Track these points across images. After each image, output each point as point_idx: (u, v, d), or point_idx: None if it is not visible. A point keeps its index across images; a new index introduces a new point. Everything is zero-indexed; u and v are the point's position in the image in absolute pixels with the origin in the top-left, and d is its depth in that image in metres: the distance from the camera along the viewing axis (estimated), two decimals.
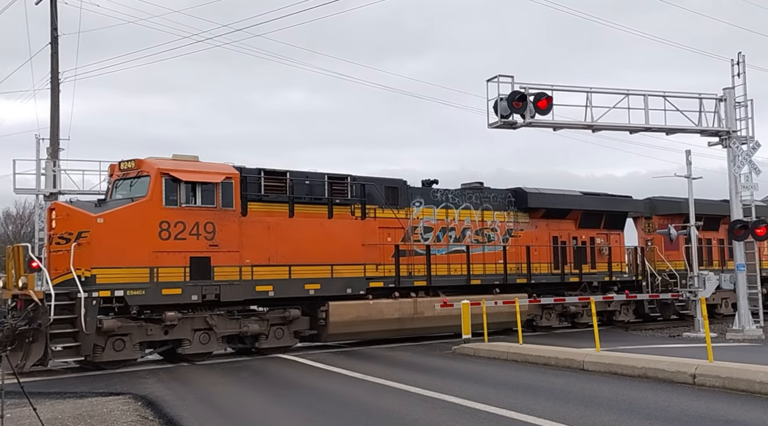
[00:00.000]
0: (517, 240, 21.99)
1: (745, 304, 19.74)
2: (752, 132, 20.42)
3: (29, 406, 8.76)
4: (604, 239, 24.24)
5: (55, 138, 24.65)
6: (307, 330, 17.92)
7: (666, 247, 25.99)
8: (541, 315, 22.34)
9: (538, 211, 22.53)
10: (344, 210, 18.51)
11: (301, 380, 13.17)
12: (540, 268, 22.36)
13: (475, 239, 21.12)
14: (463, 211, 21.03)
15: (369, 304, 18.58)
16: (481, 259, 21.16)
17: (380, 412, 9.84)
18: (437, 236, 20.37)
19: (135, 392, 11.96)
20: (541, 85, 18.25)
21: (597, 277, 23.68)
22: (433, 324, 19.81)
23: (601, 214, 23.99)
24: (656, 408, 9.20)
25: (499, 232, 21.67)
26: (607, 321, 23.99)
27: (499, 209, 21.84)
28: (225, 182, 16.39)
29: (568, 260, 23.13)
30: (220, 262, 16.17)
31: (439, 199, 20.60)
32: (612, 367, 12.48)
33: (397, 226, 19.45)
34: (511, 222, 22.04)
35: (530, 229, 22.48)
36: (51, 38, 25.23)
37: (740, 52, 20.74)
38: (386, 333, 19.26)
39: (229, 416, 10.00)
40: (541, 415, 8.90)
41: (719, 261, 27.37)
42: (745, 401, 9.45)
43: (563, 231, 23.29)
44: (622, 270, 24.85)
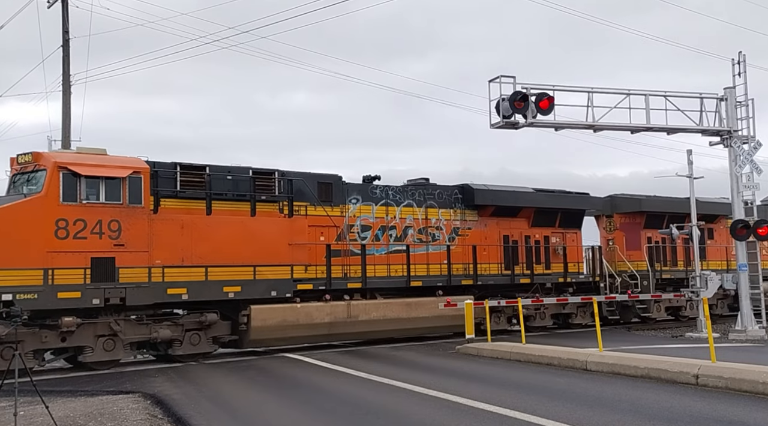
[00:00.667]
0: (465, 239, 21.07)
1: (747, 305, 19.75)
2: (753, 131, 20.47)
3: (42, 404, 8.91)
4: (560, 238, 23.26)
5: (66, 139, 24.76)
6: (228, 335, 16.83)
7: (627, 247, 25.45)
8: (490, 318, 21.18)
9: (487, 209, 21.64)
10: (271, 207, 17.51)
11: (308, 379, 13.28)
12: (489, 269, 21.42)
13: (418, 238, 20.22)
14: (405, 208, 20.18)
15: (296, 307, 17.42)
16: (425, 260, 20.22)
17: (386, 411, 9.95)
18: (376, 235, 19.48)
19: (144, 391, 12.12)
20: (542, 86, 18.29)
21: (550, 278, 22.68)
22: (369, 328, 18.75)
23: (555, 211, 23.04)
24: (659, 408, 9.29)
25: (444, 231, 20.77)
26: (562, 324, 23.34)
27: (445, 207, 20.92)
28: (132, 177, 15.28)
29: (520, 260, 22.15)
30: (126, 263, 15.03)
31: (378, 195, 19.68)
32: (615, 367, 12.56)
33: (330, 225, 18.47)
34: (458, 220, 21.13)
35: (479, 227, 21.55)
36: (62, 41, 25.31)
37: (741, 52, 20.80)
38: (317, 338, 18.41)
39: (237, 415, 10.12)
40: (545, 415, 8.98)
41: (684, 261, 26.32)
42: (749, 402, 9.52)
43: (515, 230, 22.35)
44: (579, 271, 23.69)
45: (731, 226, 20.29)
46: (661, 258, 25.79)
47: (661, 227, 25.22)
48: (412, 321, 19.30)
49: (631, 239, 25.62)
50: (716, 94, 20.58)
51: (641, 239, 25.32)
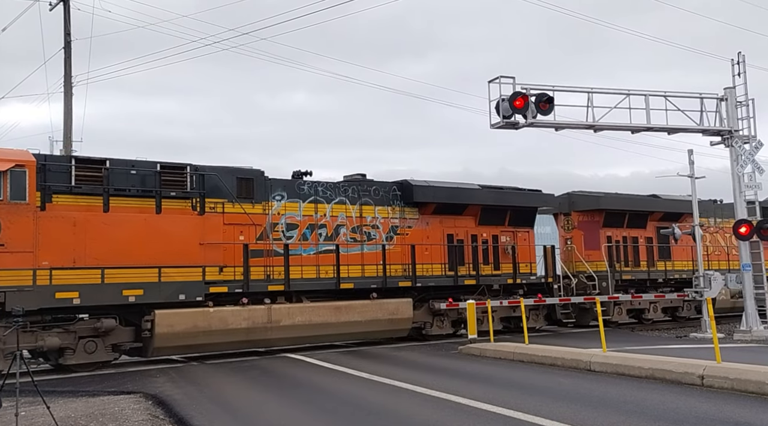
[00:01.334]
0: (404, 238, 19.96)
1: (752, 305, 19.69)
2: (754, 131, 20.41)
3: (43, 405, 8.88)
4: (510, 237, 22.17)
5: (68, 140, 24.86)
6: (130, 342, 15.63)
7: (586, 247, 24.52)
8: (432, 322, 20.32)
9: (428, 207, 20.47)
10: (183, 204, 16.36)
11: (309, 379, 13.23)
12: (432, 270, 20.25)
13: (351, 237, 19.07)
14: (337, 205, 19.04)
15: (208, 312, 16.12)
16: (359, 260, 19.03)
17: (389, 412, 9.90)
18: (304, 234, 18.31)
19: (146, 391, 12.08)
20: (542, 86, 18.25)
21: (499, 280, 21.50)
22: (293, 334, 17.52)
23: (504, 209, 21.91)
24: (664, 409, 9.23)
25: (382, 230, 19.64)
26: (514, 328, 21.73)
27: (382, 204, 19.76)
28: (15, 171, 14.13)
29: (466, 261, 21.01)
30: (6, 265, 13.83)
31: (306, 192, 18.57)
32: (619, 367, 12.50)
33: (250, 223, 17.30)
34: (397, 218, 19.99)
35: (421, 226, 20.41)
36: (64, 43, 25.45)
37: (740, 52, 20.74)
38: (232, 345, 17.07)
39: (239, 415, 10.07)
40: (549, 416, 8.93)
41: (647, 262, 25.41)
42: (755, 402, 9.46)
43: (460, 228, 21.18)
44: (532, 271, 22.47)
45: (734, 226, 20.20)
46: (622, 258, 24.88)
47: (622, 226, 24.77)
48: (342, 326, 18.18)
49: (590, 238, 24.70)
50: (716, 94, 20.57)
51: (600, 238, 24.42)
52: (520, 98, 17.68)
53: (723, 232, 27.22)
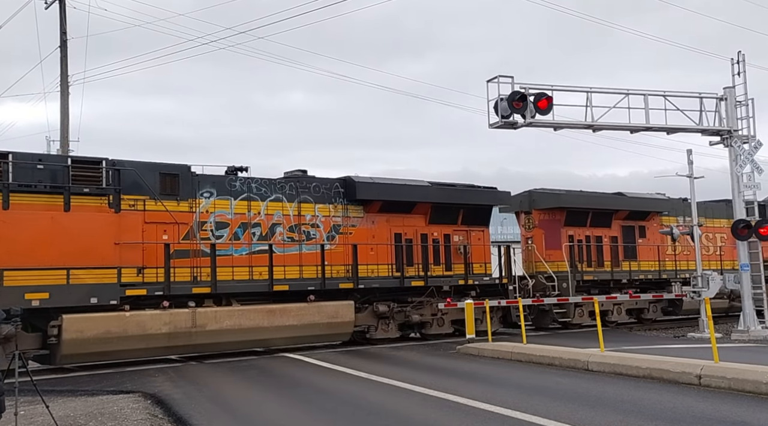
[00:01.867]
0: (347, 238, 19.07)
1: (750, 305, 19.71)
2: (753, 131, 20.39)
3: (42, 404, 8.90)
4: (464, 236, 21.30)
5: (65, 139, 24.82)
6: (35, 349, 14.59)
7: (547, 246, 23.68)
8: (377, 325, 19.34)
9: (373, 205, 19.57)
10: (97, 201, 15.38)
11: (308, 379, 13.25)
12: (377, 271, 19.33)
13: (288, 237, 18.15)
14: (273, 203, 18.12)
15: (124, 316, 15.07)
16: (297, 261, 18.14)
17: (387, 411, 9.92)
18: (235, 233, 17.41)
19: (144, 390, 12.11)
20: (541, 86, 18.24)
21: (449, 281, 20.54)
22: (221, 339, 16.58)
23: (457, 207, 21.03)
24: (662, 409, 9.26)
25: (322, 229, 18.76)
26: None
27: (322, 202, 18.89)
28: None
29: (415, 261, 20.13)
30: None
31: (238, 189, 17.69)
32: (617, 367, 12.53)
33: (174, 221, 16.39)
34: (339, 217, 19.10)
35: (366, 225, 19.51)
36: (60, 42, 25.40)
37: (740, 52, 20.71)
38: (154, 352, 15.94)
39: (238, 414, 10.09)
40: (546, 416, 8.95)
41: (611, 262, 24.49)
42: (752, 402, 9.48)
43: (409, 227, 20.30)
44: (487, 272, 21.69)
45: (732, 226, 20.23)
46: (584, 258, 24.10)
47: (585, 224, 24.03)
48: (276, 330, 17.26)
49: (551, 238, 23.81)
50: (716, 93, 20.55)
51: (562, 237, 23.56)
52: (519, 98, 17.68)
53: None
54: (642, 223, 25.55)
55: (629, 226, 25.28)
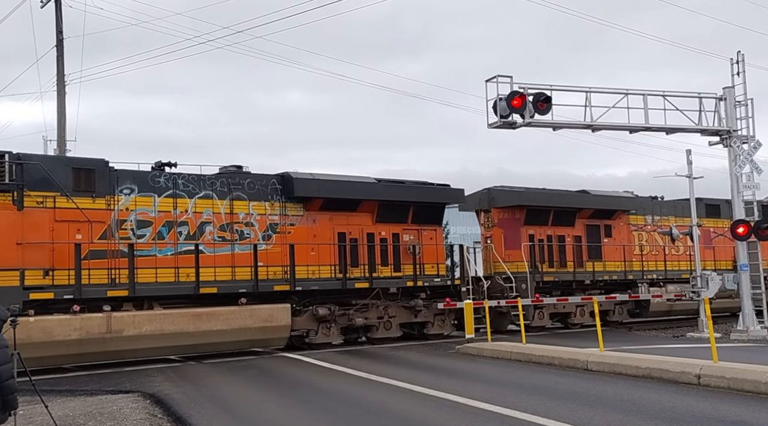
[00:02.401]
0: (286, 237, 18.12)
1: (749, 305, 19.73)
2: (753, 131, 20.38)
3: (41, 404, 8.88)
4: (415, 236, 20.40)
5: (62, 139, 24.79)
6: None
7: (507, 246, 22.82)
8: (317, 330, 18.40)
9: (314, 202, 18.65)
10: (1, 198, 14.56)
11: (307, 379, 13.25)
12: (318, 272, 18.41)
13: (219, 236, 17.23)
14: (202, 200, 17.13)
15: (27, 322, 13.75)
16: (229, 262, 17.19)
17: (387, 411, 9.92)
18: (159, 233, 16.44)
19: (143, 390, 12.13)
20: (540, 85, 18.21)
21: (396, 282, 19.62)
22: (141, 345, 15.57)
23: (406, 205, 20.13)
24: (661, 408, 9.26)
25: (257, 228, 17.76)
26: (419, 335, 20.62)
27: (258, 199, 17.92)
28: None
29: (360, 262, 19.19)
30: None
31: (163, 185, 16.64)
32: (616, 367, 12.53)
33: (87, 220, 15.36)
34: (277, 215, 18.15)
35: (306, 223, 18.58)
36: (56, 41, 25.32)
37: (739, 51, 20.67)
38: (63, 359, 15.00)
39: (237, 414, 10.09)
40: (546, 415, 8.95)
41: (575, 262, 23.64)
42: (751, 402, 9.48)
43: (354, 226, 19.36)
44: (439, 273, 20.77)
45: (731, 226, 20.23)
46: (546, 258, 23.26)
47: (546, 223, 23.20)
48: (204, 335, 16.29)
49: (511, 237, 22.96)
50: (715, 93, 20.53)
51: (521, 237, 22.72)
52: (518, 98, 17.64)
53: (661, 230, 25.82)
54: (608, 222, 24.77)
55: (594, 225, 24.47)
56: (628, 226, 25.12)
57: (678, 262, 26.08)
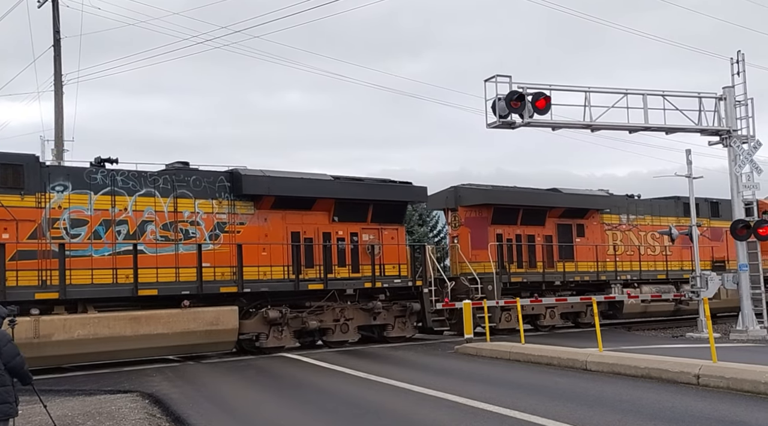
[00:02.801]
0: (235, 237, 17.44)
1: (748, 305, 19.71)
2: (753, 131, 20.34)
3: (40, 404, 8.85)
4: (375, 235, 19.65)
5: (59, 139, 24.77)
6: None
7: (474, 246, 22.08)
8: (268, 333, 17.62)
9: (266, 200, 17.89)
10: None
11: (306, 379, 13.23)
12: (270, 273, 17.65)
13: (162, 236, 16.46)
14: (143, 198, 16.33)
15: None
16: (173, 262, 16.39)
17: (386, 411, 9.92)
18: (96, 232, 15.61)
19: (142, 390, 12.12)
20: (539, 85, 18.18)
21: (353, 284, 18.84)
22: (74, 350, 14.78)
23: (365, 204, 19.39)
24: (660, 408, 9.24)
25: (204, 227, 17.03)
26: (379, 338, 19.89)
27: (204, 197, 17.14)
28: None
29: (316, 262, 18.47)
30: None
31: (100, 182, 15.80)
32: (615, 367, 12.52)
33: (13, 218, 14.59)
34: (225, 213, 17.41)
35: (257, 222, 17.86)
36: (53, 41, 25.29)
37: (739, 51, 20.62)
38: None
39: (236, 414, 10.08)
40: (545, 415, 8.94)
41: (545, 262, 22.85)
42: (750, 402, 9.47)
43: (309, 225, 18.63)
44: (401, 274, 19.93)
45: (731, 226, 20.21)
46: (515, 258, 22.52)
47: (515, 222, 22.48)
48: (142, 340, 15.44)
49: (478, 236, 22.19)
50: (715, 93, 20.49)
51: (489, 236, 22.01)
52: (517, 97, 17.66)
53: (637, 230, 25.39)
54: (580, 221, 24.05)
55: (566, 225, 23.73)
56: (601, 225, 24.42)
57: (654, 263, 25.40)
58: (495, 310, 21.11)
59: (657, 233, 24.36)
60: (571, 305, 22.82)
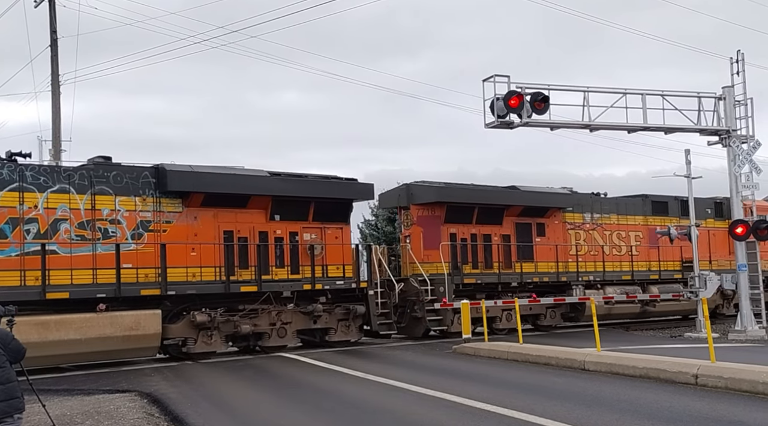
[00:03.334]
0: (161, 236, 16.44)
1: (747, 305, 19.69)
2: (752, 131, 20.34)
3: (38, 403, 8.85)
4: (317, 235, 18.81)
5: (57, 139, 24.80)
6: None
7: (426, 245, 21.12)
8: (196, 338, 16.56)
9: (195, 197, 16.95)
10: None
11: (304, 379, 13.23)
12: (200, 274, 16.70)
13: (77, 235, 15.46)
14: (56, 195, 15.33)
15: None
16: (89, 263, 15.38)
17: (384, 411, 9.91)
18: (1, 230, 14.79)
19: (141, 390, 12.12)
20: (537, 85, 18.16)
21: (291, 286, 17.89)
22: None
23: (306, 201, 18.52)
24: (658, 408, 9.25)
25: (125, 226, 16.03)
26: (320, 342, 18.94)
27: (126, 194, 16.11)
28: None
29: (250, 263, 17.57)
30: None
31: (6, 177, 14.83)
32: (613, 367, 12.52)
33: None
34: (149, 211, 16.42)
35: (185, 221, 16.88)
36: (51, 41, 25.26)
37: (739, 51, 20.62)
38: None
39: (234, 414, 10.08)
40: (543, 415, 8.94)
41: (501, 263, 21.81)
42: (748, 402, 9.47)
43: (244, 224, 17.71)
44: (346, 275, 19.02)
45: (730, 226, 20.21)
46: (470, 259, 21.55)
47: (470, 221, 21.54)
48: (51, 346, 14.29)
49: (430, 236, 21.22)
50: (714, 93, 20.49)
51: (441, 236, 21.10)
52: (515, 97, 17.61)
53: (602, 229, 24.42)
54: (540, 220, 23.09)
55: (525, 224, 22.74)
56: (563, 224, 23.48)
57: (620, 263, 24.47)
58: (446, 312, 20.33)
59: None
60: (530, 307, 21.75)
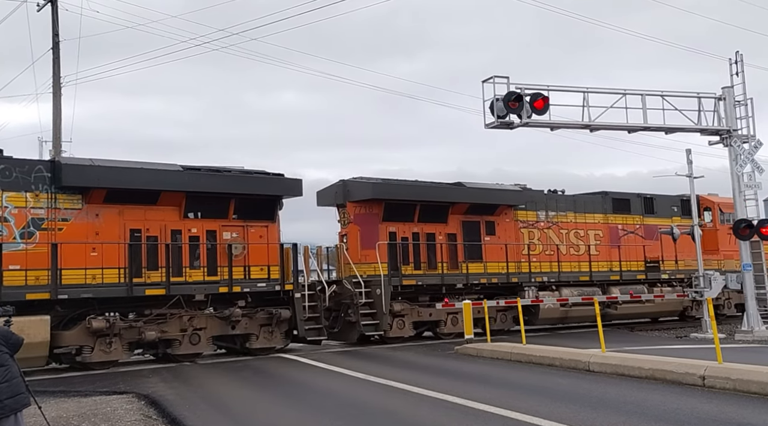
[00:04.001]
0: (55, 235, 15.24)
1: (753, 305, 19.53)
2: (753, 130, 20.28)
3: (34, 405, 8.69)
4: (239, 233, 17.74)
5: (57, 140, 24.86)
6: None
7: (363, 245, 19.99)
8: (93, 346, 15.17)
9: (95, 193, 15.79)
10: None
11: (304, 380, 13.08)
12: (102, 277, 15.45)
13: None
14: None
15: None
16: None
17: (385, 412, 9.77)
18: None
19: (138, 391, 11.99)
20: (537, 86, 18.14)
21: (204, 288, 16.72)
22: None
23: (226, 198, 17.41)
24: (665, 410, 9.08)
25: (13, 224, 14.85)
26: (241, 349, 17.57)
27: (15, 189, 14.91)
28: None
29: (160, 264, 16.32)
30: None
31: None
32: (618, 368, 12.35)
33: None
34: (43, 208, 15.22)
35: (85, 218, 15.71)
36: (52, 44, 25.35)
37: (738, 51, 20.55)
38: None
39: (232, 415, 9.94)
40: (548, 417, 8.79)
41: (446, 264, 20.74)
42: (757, 403, 9.30)
43: (154, 222, 16.56)
44: (271, 277, 17.82)
45: (734, 225, 20.05)
46: (412, 259, 20.39)
47: (412, 219, 20.46)
48: None
49: (368, 235, 20.06)
50: (714, 93, 20.46)
51: (379, 235, 19.97)
52: (515, 98, 17.59)
53: (558, 227, 23.38)
54: (490, 218, 21.96)
55: (472, 222, 21.66)
56: (515, 222, 22.44)
57: (578, 263, 23.34)
58: (383, 316, 19.13)
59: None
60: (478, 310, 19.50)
